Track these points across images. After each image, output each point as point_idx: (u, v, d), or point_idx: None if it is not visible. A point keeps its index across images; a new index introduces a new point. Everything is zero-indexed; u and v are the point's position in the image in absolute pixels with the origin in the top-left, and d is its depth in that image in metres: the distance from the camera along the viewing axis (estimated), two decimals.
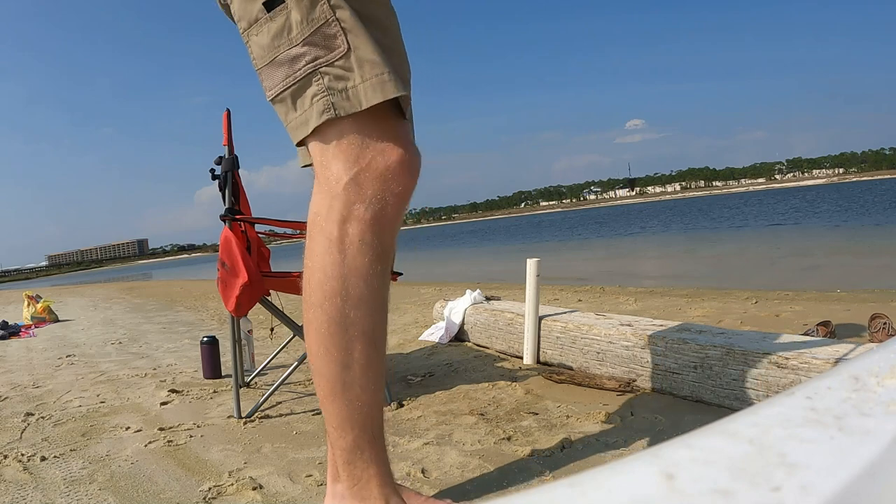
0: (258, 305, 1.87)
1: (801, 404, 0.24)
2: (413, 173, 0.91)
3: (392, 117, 0.92)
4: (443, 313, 2.97)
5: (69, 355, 3.29)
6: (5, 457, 1.59)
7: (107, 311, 6.71)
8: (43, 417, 1.98)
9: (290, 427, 1.74)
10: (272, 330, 2.66)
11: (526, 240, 22.06)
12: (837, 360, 1.42)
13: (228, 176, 2.02)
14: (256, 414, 1.86)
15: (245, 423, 1.79)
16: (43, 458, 1.57)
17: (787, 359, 1.49)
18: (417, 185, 0.92)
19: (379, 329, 0.93)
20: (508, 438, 1.51)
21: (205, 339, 2.51)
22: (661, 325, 1.95)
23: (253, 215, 2.13)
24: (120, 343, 3.80)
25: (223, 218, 1.88)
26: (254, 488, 1.32)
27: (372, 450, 0.94)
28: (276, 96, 0.93)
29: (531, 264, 2.26)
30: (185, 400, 2.13)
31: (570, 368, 2.10)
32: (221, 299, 1.87)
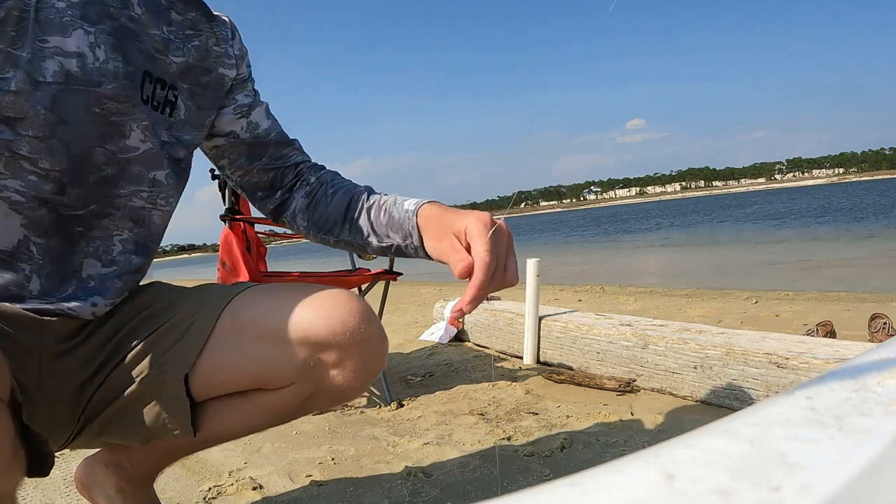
0: None
1: (801, 404, 0.24)
2: None
3: None
4: (443, 313, 2.97)
5: None
6: None
7: None
8: None
9: (290, 427, 1.74)
10: None
11: (531, 240, 22.05)
12: (837, 360, 1.42)
13: None
14: None
15: None
16: None
17: (787, 359, 1.49)
18: (418, 185, 0.88)
19: None
20: (508, 438, 1.51)
21: None
22: (661, 325, 1.95)
23: (253, 215, 2.13)
24: None
25: (223, 218, 1.88)
26: (254, 488, 1.32)
27: None
28: None
29: (531, 264, 2.27)
30: None
31: (570, 368, 2.10)
32: None
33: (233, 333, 0.82)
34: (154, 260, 0.91)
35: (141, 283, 0.90)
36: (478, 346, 2.70)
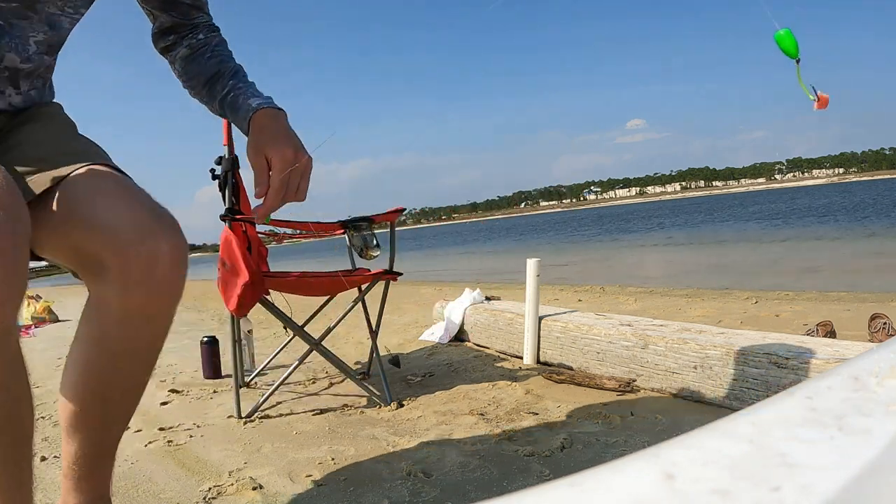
0: (258, 305, 1.87)
1: (801, 404, 0.24)
2: None
3: None
4: (442, 313, 2.97)
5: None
6: None
7: None
8: (43, 417, 1.98)
9: (290, 427, 1.74)
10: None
11: (531, 240, 22.04)
12: (837, 360, 1.42)
13: (229, 176, 2.02)
14: (256, 414, 1.86)
15: (245, 423, 1.79)
16: (43, 458, 1.57)
17: (787, 359, 1.49)
18: (418, 185, 0.92)
19: None
20: (508, 438, 1.51)
21: (205, 338, 2.51)
22: (661, 325, 1.95)
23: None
24: None
25: (223, 218, 1.88)
26: (254, 488, 1.32)
27: None
28: None
29: (531, 264, 2.26)
30: (185, 400, 2.13)
31: (570, 368, 2.10)
32: (222, 299, 1.87)
33: (65, 200, 0.84)
34: None
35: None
36: (478, 346, 2.69)
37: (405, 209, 2.17)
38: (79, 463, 0.94)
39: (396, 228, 2.14)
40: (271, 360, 2.54)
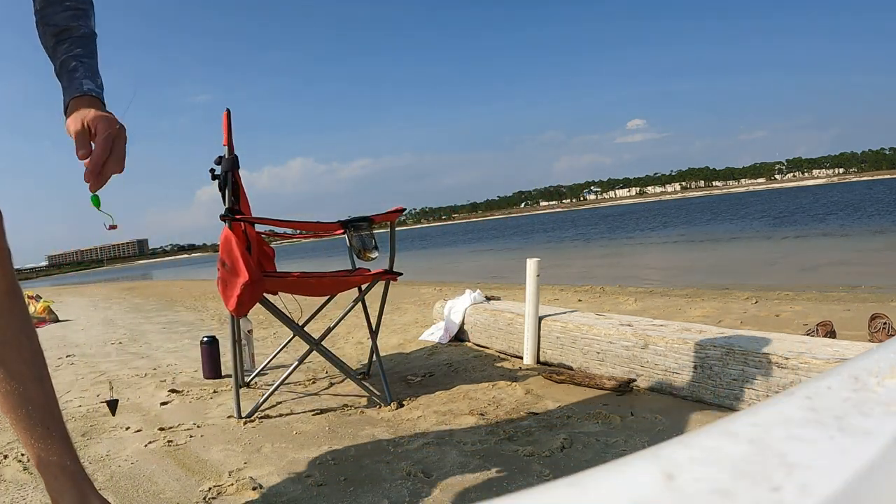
0: (258, 305, 1.87)
1: (801, 404, 0.24)
2: None
3: None
4: (443, 313, 2.97)
5: (69, 355, 3.29)
6: (5, 457, 1.59)
7: (107, 311, 6.71)
8: None
9: (290, 427, 1.74)
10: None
11: (532, 239, 22.04)
12: (837, 360, 1.42)
13: (228, 176, 2.02)
14: (256, 414, 1.86)
15: (245, 423, 1.79)
16: None
17: (787, 359, 1.49)
18: (418, 185, 0.91)
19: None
20: (508, 438, 1.51)
21: (205, 339, 2.51)
22: (661, 325, 1.95)
23: (253, 215, 2.14)
24: (120, 343, 3.80)
25: (223, 218, 1.88)
26: (254, 488, 1.32)
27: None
28: None
29: (531, 264, 2.26)
30: (185, 400, 2.13)
31: (570, 368, 2.10)
32: (222, 299, 1.87)
33: None
34: (154, 260, 0.91)
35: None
36: (478, 346, 2.69)
37: (405, 209, 2.16)
38: (27, 439, 0.94)
39: (396, 228, 2.14)
40: (271, 360, 2.54)
